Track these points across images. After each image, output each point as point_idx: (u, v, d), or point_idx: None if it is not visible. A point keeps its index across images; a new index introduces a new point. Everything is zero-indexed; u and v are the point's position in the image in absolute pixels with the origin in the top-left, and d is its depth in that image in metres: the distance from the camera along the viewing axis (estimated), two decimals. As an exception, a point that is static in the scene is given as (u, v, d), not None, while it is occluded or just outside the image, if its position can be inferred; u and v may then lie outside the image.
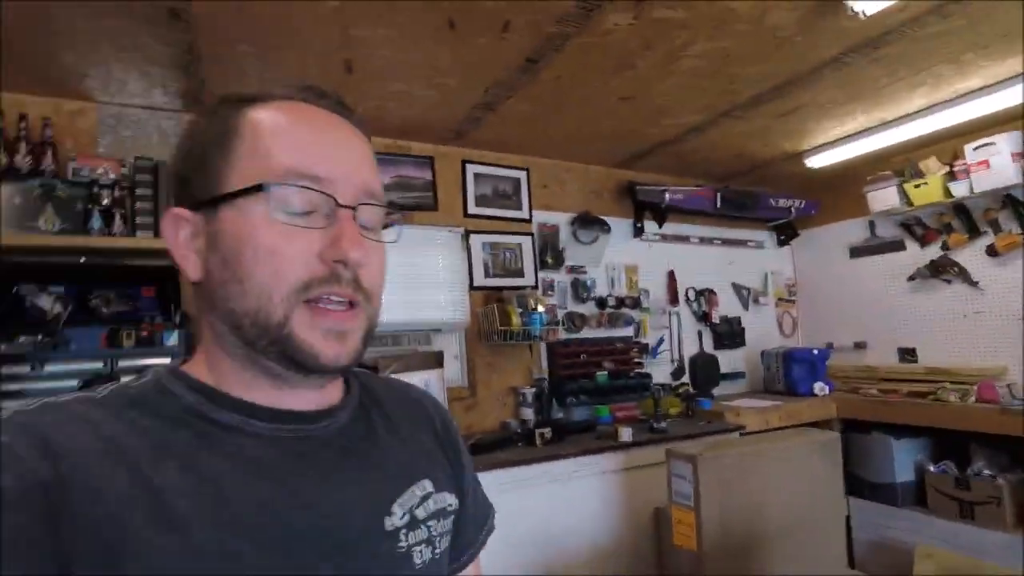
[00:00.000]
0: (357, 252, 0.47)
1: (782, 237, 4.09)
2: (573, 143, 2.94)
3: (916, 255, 3.44)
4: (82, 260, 1.99)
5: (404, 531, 0.53)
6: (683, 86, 2.30)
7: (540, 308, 2.85)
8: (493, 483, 2.09)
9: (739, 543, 1.86)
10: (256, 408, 0.49)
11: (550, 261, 3.11)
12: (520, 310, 2.78)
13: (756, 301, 3.94)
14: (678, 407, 3.09)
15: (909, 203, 3.28)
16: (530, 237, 3.10)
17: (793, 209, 3.83)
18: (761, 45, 2.00)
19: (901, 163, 3.32)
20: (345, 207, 0.48)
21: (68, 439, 0.41)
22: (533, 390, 2.85)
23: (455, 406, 2.73)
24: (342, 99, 0.53)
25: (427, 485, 0.57)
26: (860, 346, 3.74)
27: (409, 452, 0.59)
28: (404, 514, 0.53)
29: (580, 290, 3.19)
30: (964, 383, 2.94)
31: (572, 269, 3.21)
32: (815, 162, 3.33)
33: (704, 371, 3.54)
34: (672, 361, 3.50)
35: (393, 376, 0.70)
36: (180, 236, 0.49)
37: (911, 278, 3.44)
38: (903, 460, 3.05)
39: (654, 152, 3.14)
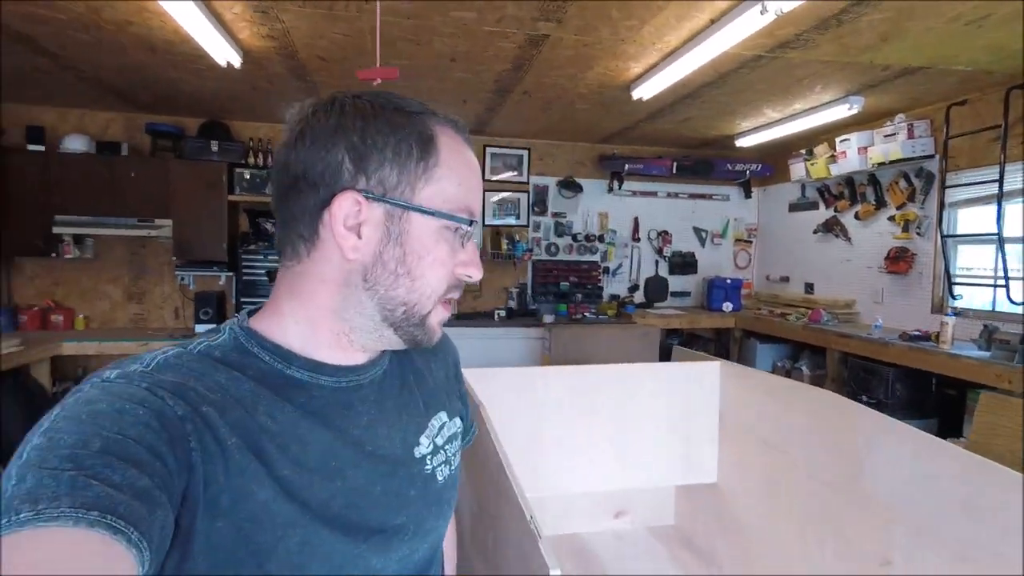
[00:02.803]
0: (480, 272, 0.59)
1: (746, 192, 5.18)
2: (559, 128, 4.40)
3: (824, 214, 4.46)
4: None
5: (429, 456, 0.63)
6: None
7: (521, 240, 4.57)
8: (475, 334, 3.99)
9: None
10: (320, 365, 0.56)
11: (538, 210, 4.76)
12: (507, 241, 4.54)
13: (713, 241, 5.19)
14: (613, 310, 4.68)
15: (809, 175, 4.30)
16: (527, 194, 4.76)
17: (748, 172, 4.93)
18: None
19: (817, 143, 4.27)
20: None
21: (193, 388, 0.48)
22: (516, 290, 4.65)
23: (468, 297, 4.64)
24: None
25: (443, 416, 0.68)
26: (784, 279, 4.90)
27: (430, 389, 0.69)
28: (429, 443, 0.64)
29: (560, 229, 4.82)
30: (811, 309, 4.13)
31: (555, 215, 4.83)
32: (744, 142, 4.43)
33: (654, 289, 5.01)
34: (629, 280, 5.02)
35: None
36: (349, 216, 0.53)
37: (815, 231, 4.49)
38: (764, 357, 4.37)
39: (623, 133, 4.49)
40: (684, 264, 5.11)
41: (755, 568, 1.47)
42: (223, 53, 2.61)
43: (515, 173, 4.75)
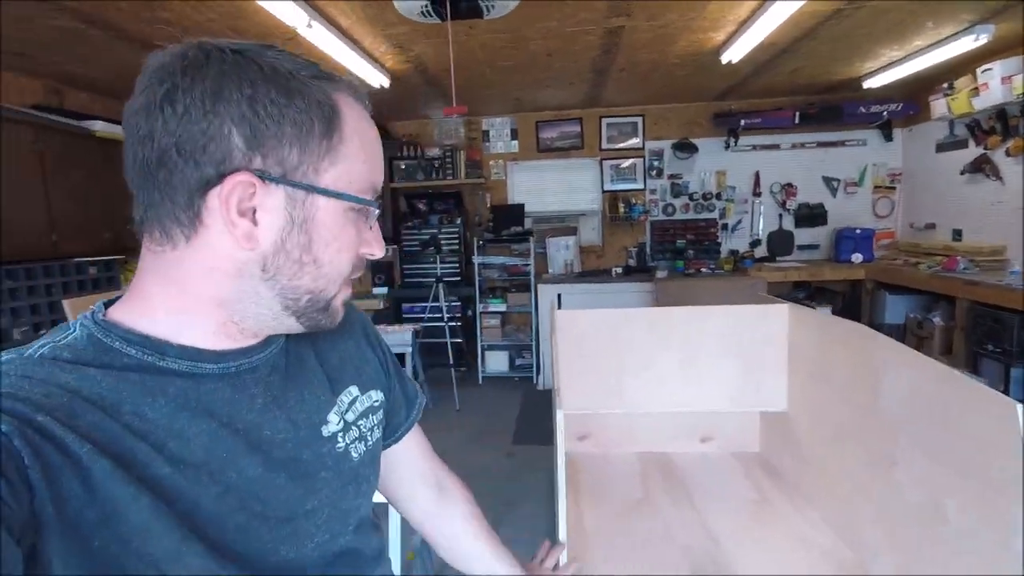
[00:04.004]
0: (383, 250, 0.56)
1: (887, 134, 4.84)
2: (669, 92, 4.58)
3: (973, 152, 4.08)
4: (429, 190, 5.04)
5: (340, 434, 0.59)
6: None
7: (638, 203, 4.92)
8: (594, 289, 4.52)
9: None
10: (201, 352, 0.50)
11: (654, 173, 5.03)
12: (623, 205, 4.91)
13: (846, 190, 4.96)
14: (731, 265, 4.81)
15: (951, 111, 3.97)
16: (642, 159, 5.05)
17: (886, 112, 4.62)
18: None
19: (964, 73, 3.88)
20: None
21: (24, 398, 0.40)
22: (635, 249, 5.01)
23: (591, 256, 5.13)
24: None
25: (354, 391, 0.63)
26: (930, 227, 4.56)
27: (335, 363, 0.63)
28: (339, 420, 0.59)
29: (676, 190, 5.04)
30: (947, 257, 3.89)
31: (671, 176, 5.04)
32: (874, 83, 4.20)
33: (777, 243, 5.00)
34: (750, 235, 5.07)
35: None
36: (242, 200, 0.46)
37: (962, 172, 4.13)
38: (894, 309, 4.21)
39: (735, 89, 4.53)
40: (812, 216, 4.99)
41: (826, 491, 1.55)
42: (377, 79, 3.41)
43: (631, 140, 5.05)
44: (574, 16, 2.63)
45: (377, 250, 0.56)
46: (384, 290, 4.97)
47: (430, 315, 4.51)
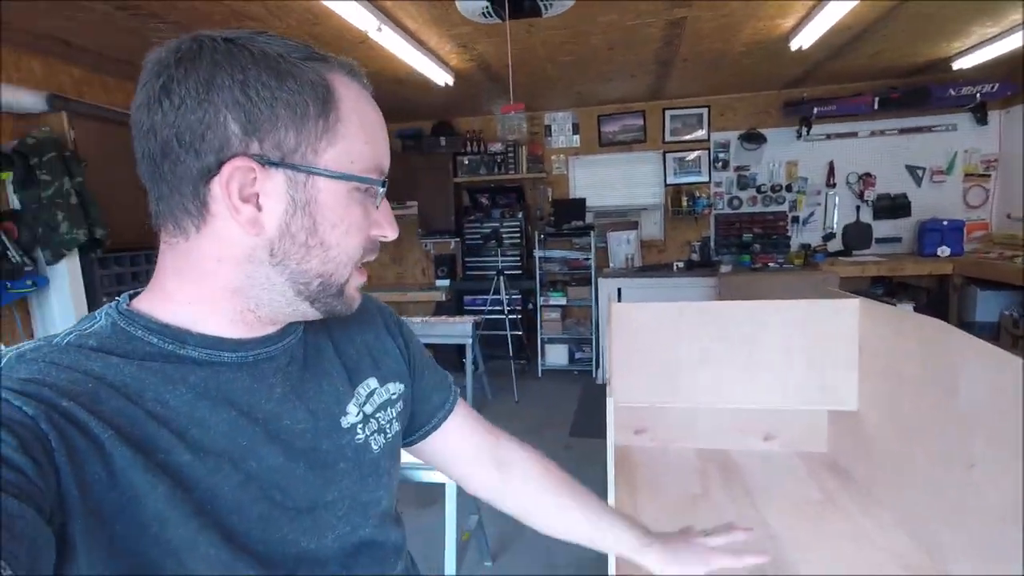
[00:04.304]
0: (395, 230, 0.55)
1: (980, 117, 4.46)
2: (736, 82, 4.43)
3: (1083, 136, 3.70)
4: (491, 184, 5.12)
5: (359, 425, 0.59)
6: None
7: (702, 196, 4.79)
8: (654, 283, 4.47)
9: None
10: (221, 340, 0.50)
11: (719, 165, 4.88)
12: (686, 198, 4.80)
13: (932, 179, 4.62)
14: (801, 259, 4.60)
15: (1056, 93, 3.61)
16: (707, 151, 4.90)
17: (979, 94, 4.26)
18: None
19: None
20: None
21: (50, 384, 0.41)
22: (699, 243, 4.89)
23: (653, 250, 5.05)
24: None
25: (371, 383, 0.62)
26: (1029, 218, 4.17)
27: (353, 355, 0.63)
28: (358, 412, 0.59)
29: (742, 182, 4.86)
30: (1049, 250, 3.55)
31: (738, 168, 4.87)
32: (964, 63, 3.89)
33: (854, 236, 4.72)
34: (823, 228, 4.82)
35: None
36: (244, 186, 0.47)
37: (1068, 158, 3.75)
38: (986, 306, 3.89)
39: (808, 76, 4.33)
40: (893, 207, 4.68)
41: (897, 492, 1.51)
42: (442, 78, 3.51)
43: (696, 132, 4.92)
44: (634, 9, 2.61)
45: (389, 231, 0.55)
46: (446, 282, 5.10)
47: (491, 308, 4.59)
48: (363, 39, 2.64)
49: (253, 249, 0.49)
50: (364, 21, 2.47)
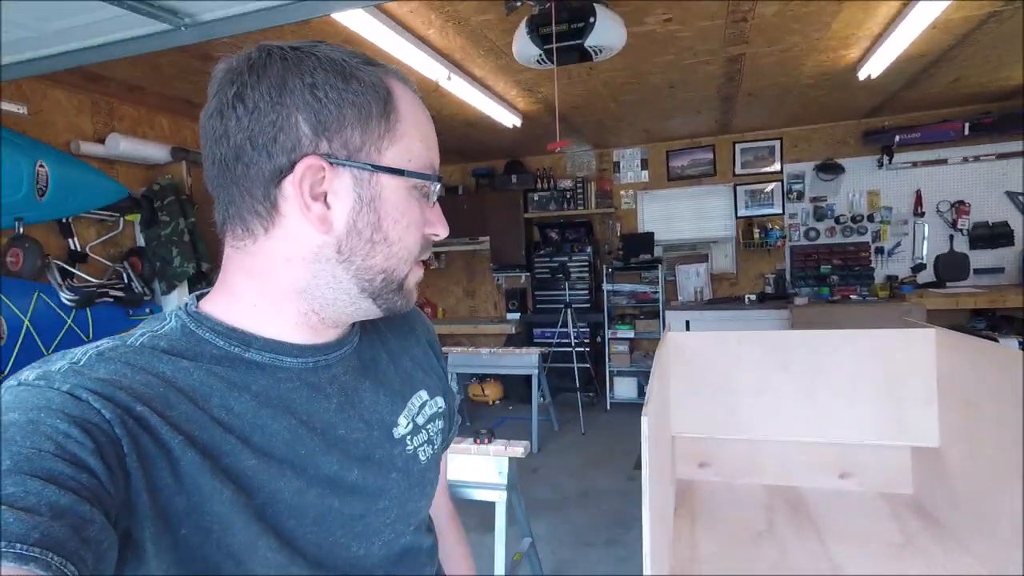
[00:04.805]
0: (446, 229, 0.56)
1: (1094, 140, 4.06)
2: (809, 114, 4.30)
3: None
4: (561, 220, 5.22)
5: (409, 436, 0.59)
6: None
7: (775, 228, 4.64)
8: (725, 316, 4.36)
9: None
10: (283, 345, 0.51)
11: (793, 197, 4.72)
12: (759, 230, 4.66)
13: (1038, 206, 4.22)
14: (886, 291, 4.30)
15: None
16: (780, 183, 4.77)
17: (1089, 115, 3.90)
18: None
19: None
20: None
21: (127, 386, 0.42)
22: (773, 275, 4.71)
23: (724, 283, 4.91)
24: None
25: (423, 395, 0.63)
26: None
27: (406, 366, 0.64)
28: (408, 423, 0.60)
29: (819, 213, 4.66)
30: None
31: (814, 199, 4.68)
32: (1068, 82, 3.59)
33: (948, 266, 4.37)
34: (912, 259, 4.50)
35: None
36: (314, 185, 0.48)
37: None
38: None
39: (888, 104, 4.15)
40: (992, 236, 4.30)
41: (984, 534, 1.38)
42: (509, 120, 3.70)
43: (769, 164, 4.81)
44: (690, 48, 2.65)
45: (440, 229, 0.55)
46: (517, 315, 5.20)
47: (559, 340, 4.63)
48: (435, 87, 2.86)
49: (321, 247, 0.49)
50: (435, 72, 2.68)
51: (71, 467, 0.35)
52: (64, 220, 2.86)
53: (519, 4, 1.70)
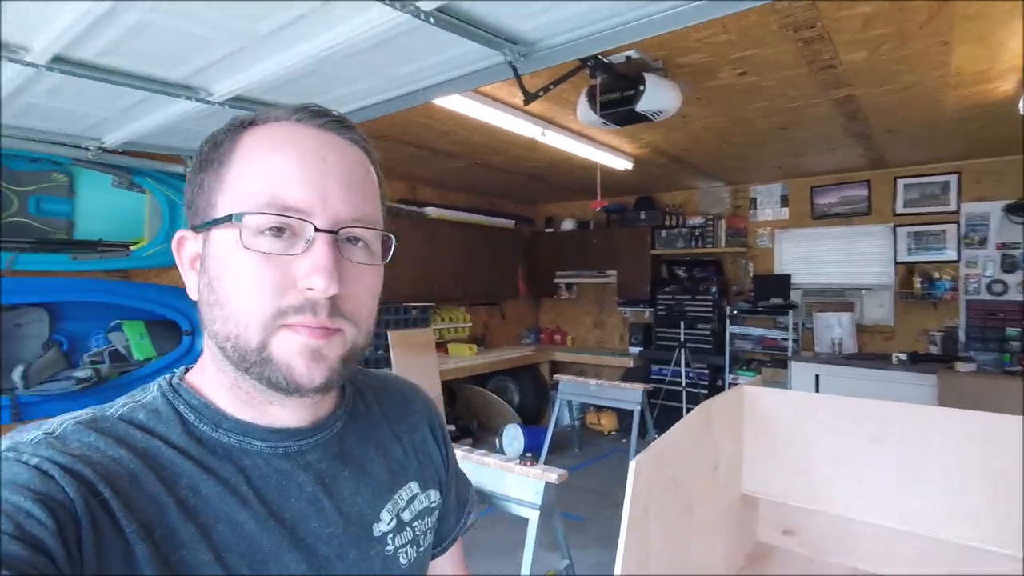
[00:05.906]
0: (325, 280, 0.43)
1: None
2: (992, 145, 3.57)
3: None
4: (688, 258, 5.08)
5: (391, 535, 0.53)
6: None
7: (944, 277, 3.92)
8: (856, 374, 3.85)
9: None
10: (252, 427, 0.48)
11: (975, 241, 3.94)
12: (920, 279, 3.99)
13: None
14: (1101, 366, 3.35)
15: None
16: (955, 224, 4.02)
17: None
18: None
19: None
20: (324, 231, 0.44)
21: (97, 462, 0.41)
22: (941, 334, 3.98)
23: (877, 337, 4.28)
24: (341, 117, 0.49)
25: (413, 487, 0.57)
26: None
27: (397, 455, 0.58)
28: (392, 519, 0.54)
29: (1008, 262, 3.82)
30: None
31: (1002, 246, 3.85)
32: None
33: None
34: None
35: (385, 373, 0.63)
36: (184, 255, 0.48)
37: None
38: None
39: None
40: None
41: None
42: (620, 164, 3.82)
43: (940, 203, 4.09)
44: (783, 95, 2.51)
45: (315, 278, 0.44)
46: (638, 350, 5.17)
47: (671, 379, 4.51)
48: (532, 144, 3.13)
49: (200, 316, 0.48)
50: (531, 130, 2.96)
51: (28, 550, 0.34)
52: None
53: (540, 93, 1.88)
